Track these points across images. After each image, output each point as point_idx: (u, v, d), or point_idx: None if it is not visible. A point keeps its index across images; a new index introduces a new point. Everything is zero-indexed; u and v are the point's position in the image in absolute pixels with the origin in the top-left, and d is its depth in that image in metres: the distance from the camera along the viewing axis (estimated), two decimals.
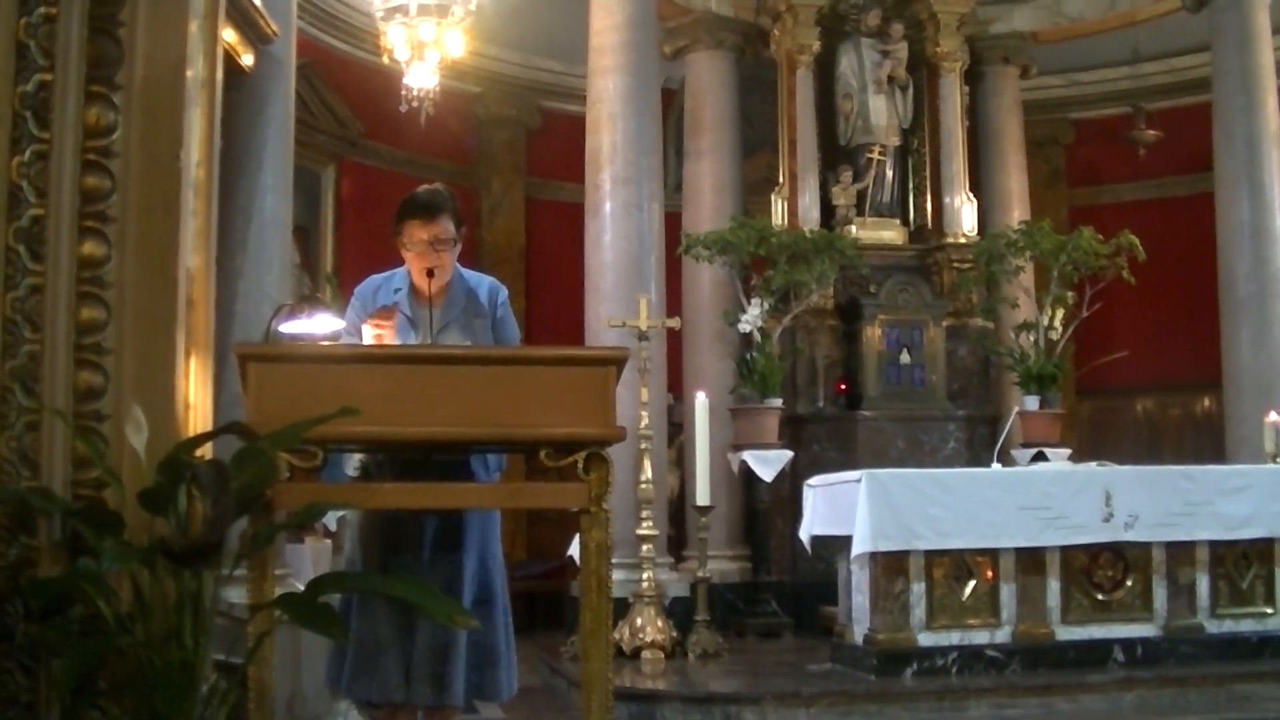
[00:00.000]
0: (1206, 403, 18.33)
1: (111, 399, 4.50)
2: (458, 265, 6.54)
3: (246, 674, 4.69)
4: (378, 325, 6.11)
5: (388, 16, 12.07)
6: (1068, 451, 14.15)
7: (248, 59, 9.41)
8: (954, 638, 10.38)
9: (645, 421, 12.11)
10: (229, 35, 8.52)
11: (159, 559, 4.22)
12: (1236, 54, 15.45)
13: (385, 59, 12.45)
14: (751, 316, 13.71)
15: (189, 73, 4.72)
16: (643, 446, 12.07)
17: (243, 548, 4.62)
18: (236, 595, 5.13)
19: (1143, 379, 18.87)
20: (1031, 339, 14.58)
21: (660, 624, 12.01)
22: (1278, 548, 11.02)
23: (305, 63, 13.06)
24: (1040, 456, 13.49)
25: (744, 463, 13.57)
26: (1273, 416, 13.23)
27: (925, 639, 10.30)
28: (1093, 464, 11.44)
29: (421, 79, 12.37)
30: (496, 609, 6.33)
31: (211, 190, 4.89)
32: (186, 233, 4.67)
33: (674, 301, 14.77)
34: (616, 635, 11.61)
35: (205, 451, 4.53)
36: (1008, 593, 10.50)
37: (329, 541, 11.31)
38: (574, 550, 6.77)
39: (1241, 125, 15.31)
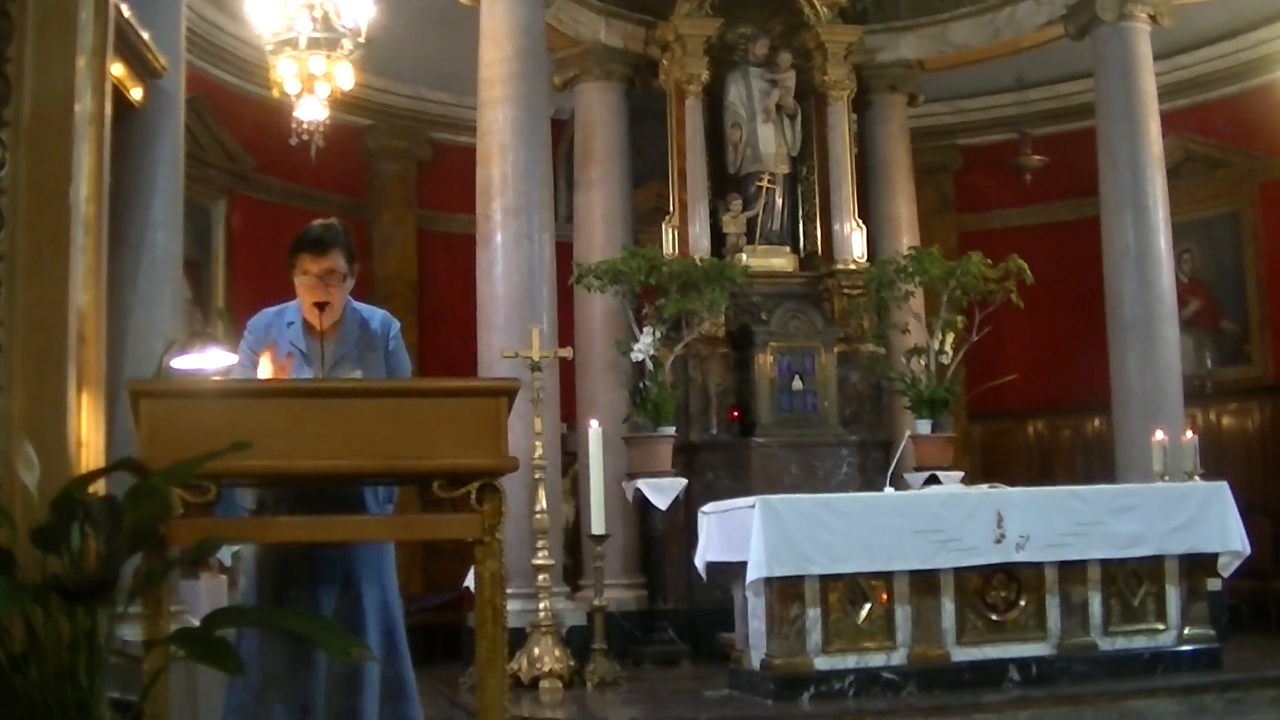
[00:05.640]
0: (1096, 424, 18.52)
1: (2, 437, 4.46)
2: (350, 299, 6.53)
3: (142, 711, 4.66)
4: (282, 370, 6.10)
5: (277, 50, 12.02)
6: (960, 474, 14.30)
7: (137, 93, 9.36)
8: (850, 661, 10.42)
9: (539, 451, 12.12)
10: (118, 70, 8.48)
11: (52, 597, 4.17)
12: (1119, 80, 15.69)
13: (275, 92, 12.39)
14: (644, 345, 13.76)
15: (77, 108, 4.69)
16: (537, 476, 12.08)
17: (137, 584, 4.58)
18: (131, 632, 5.09)
19: (1033, 402, 19.03)
20: (922, 364, 14.71)
21: (558, 653, 12.01)
22: (1167, 565, 11.15)
23: (195, 97, 12.97)
24: (933, 480, 13.66)
25: (638, 491, 13.60)
26: (1160, 436, 13.40)
27: (821, 663, 10.34)
28: (984, 486, 11.54)
29: (311, 112, 12.34)
30: (402, 641, 6.32)
31: (101, 226, 4.86)
32: (76, 269, 4.63)
33: (566, 332, 14.81)
34: (514, 665, 11.61)
35: (98, 488, 4.49)
36: (903, 615, 10.56)
37: (224, 577, 11.23)
38: (470, 581, 6.80)
39: (1125, 150, 15.54)
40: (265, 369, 6.08)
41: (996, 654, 10.73)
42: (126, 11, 8.65)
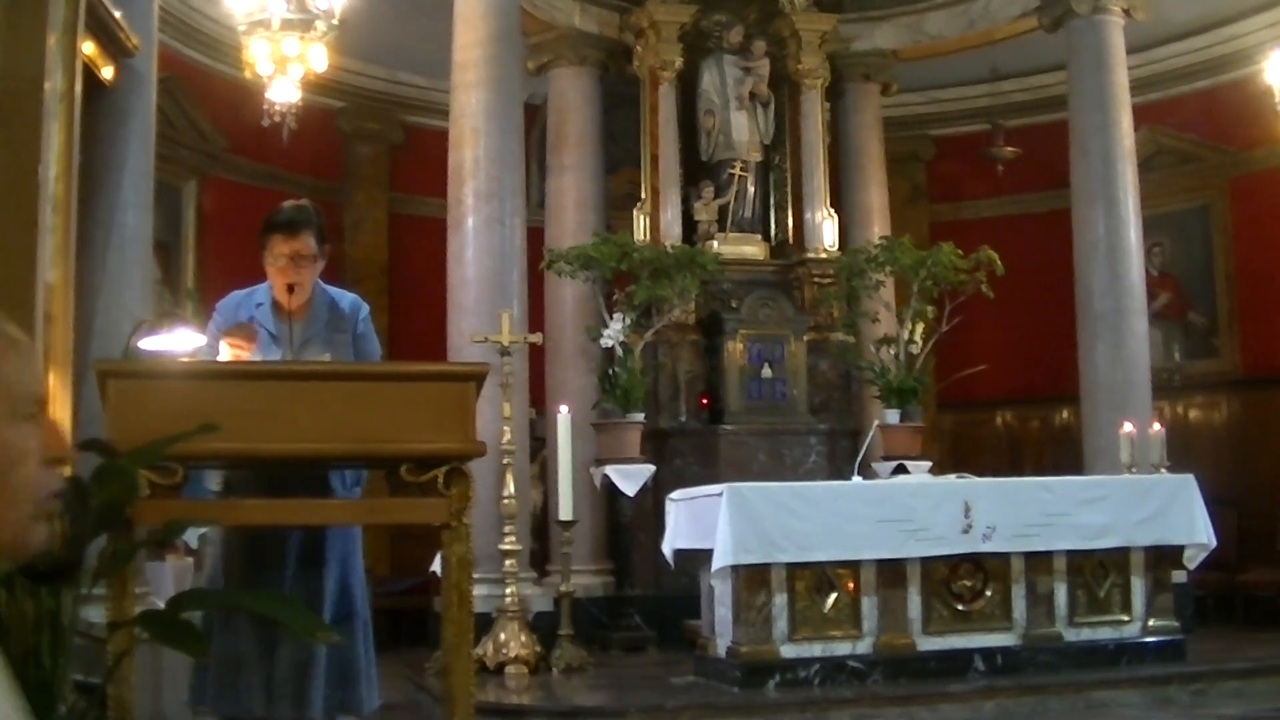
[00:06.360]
0: (1065, 415, 18.57)
1: None
2: (320, 281, 6.53)
3: (106, 693, 4.65)
4: (235, 345, 6.08)
5: (250, 30, 11.96)
6: (928, 464, 14.30)
7: (108, 72, 9.30)
8: (816, 649, 10.43)
9: (508, 436, 12.09)
10: (89, 48, 8.43)
11: (16, 578, 4.16)
12: (1092, 74, 15.72)
13: (248, 73, 12.33)
14: (614, 331, 13.73)
15: (48, 86, 4.67)
16: (505, 461, 12.05)
17: (102, 565, 4.57)
18: (96, 614, 5.08)
19: (1003, 392, 19.06)
20: (892, 353, 14.70)
21: (524, 639, 11.99)
22: (1133, 556, 11.17)
23: (167, 76, 12.92)
24: (901, 469, 13.64)
25: (607, 477, 13.57)
26: (1128, 428, 13.43)
27: (788, 651, 10.34)
28: (952, 476, 11.55)
29: (284, 93, 12.29)
30: (357, 624, 6.32)
31: (70, 205, 4.84)
32: (45, 248, 4.62)
33: (537, 317, 14.79)
34: (480, 651, 11.59)
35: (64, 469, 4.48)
36: (869, 604, 10.56)
37: (190, 560, 11.21)
38: (437, 566, 6.77)
39: (1097, 143, 15.56)
40: (225, 354, 6.07)
41: (962, 644, 10.73)
42: None
